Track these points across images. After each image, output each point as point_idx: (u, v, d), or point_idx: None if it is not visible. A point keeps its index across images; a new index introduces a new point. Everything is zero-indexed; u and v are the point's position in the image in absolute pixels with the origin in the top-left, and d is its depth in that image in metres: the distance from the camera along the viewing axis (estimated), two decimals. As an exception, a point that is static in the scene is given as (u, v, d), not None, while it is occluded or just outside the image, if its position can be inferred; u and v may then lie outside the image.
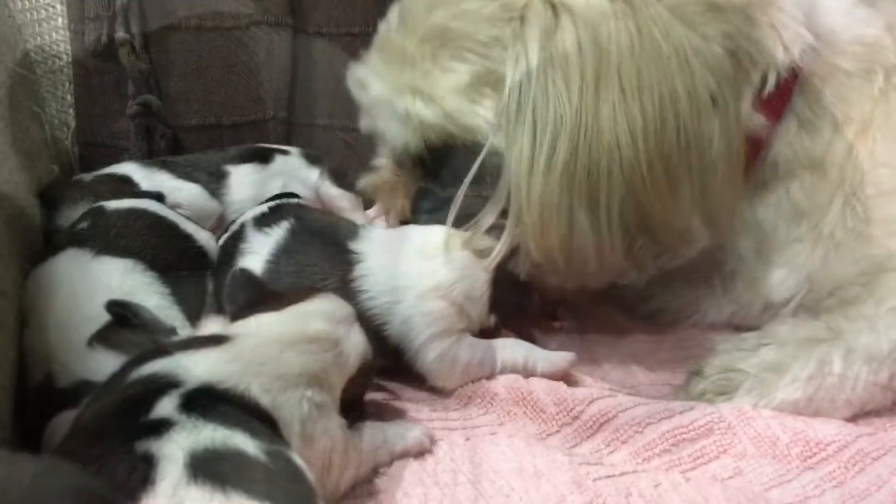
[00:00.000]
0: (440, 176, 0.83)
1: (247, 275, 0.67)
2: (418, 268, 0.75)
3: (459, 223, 0.78)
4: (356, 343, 0.62)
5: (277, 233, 0.79)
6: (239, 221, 0.85)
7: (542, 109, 0.72)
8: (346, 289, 0.73)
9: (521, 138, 0.73)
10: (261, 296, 0.64)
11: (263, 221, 0.82)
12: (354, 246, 0.77)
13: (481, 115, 0.76)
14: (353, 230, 0.81)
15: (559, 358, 0.77)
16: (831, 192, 0.83)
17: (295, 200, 0.91)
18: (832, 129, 0.83)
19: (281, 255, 0.77)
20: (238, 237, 0.82)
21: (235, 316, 0.63)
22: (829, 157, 0.83)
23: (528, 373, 0.76)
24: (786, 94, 0.81)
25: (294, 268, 0.76)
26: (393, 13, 0.85)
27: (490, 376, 0.75)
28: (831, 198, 0.83)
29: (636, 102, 0.70)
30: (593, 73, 0.71)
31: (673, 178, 0.72)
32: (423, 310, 0.73)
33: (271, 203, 0.87)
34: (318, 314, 0.62)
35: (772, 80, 0.79)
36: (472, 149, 0.77)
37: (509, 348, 0.76)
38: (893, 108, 0.83)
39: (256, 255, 0.78)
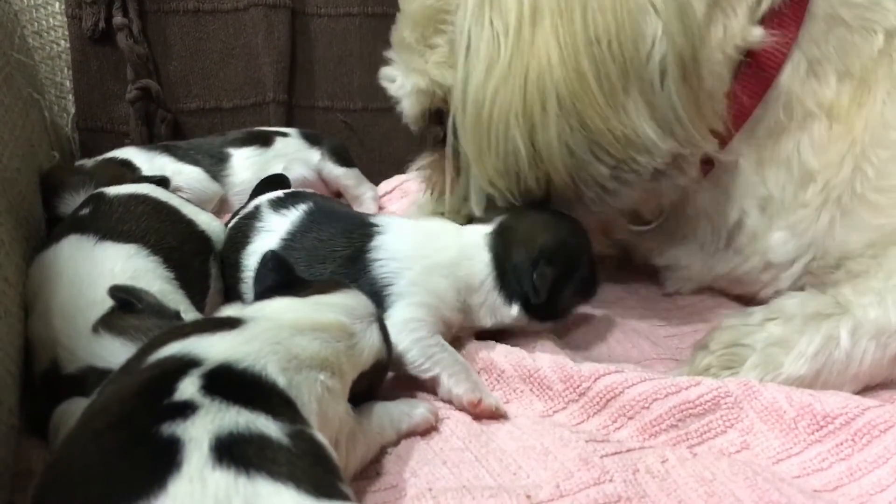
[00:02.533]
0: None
1: (278, 258, 0.68)
2: (432, 244, 0.76)
3: None
4: (373, 341, 0.63)
5: (294, 214, 0.81)
6: (253, 204, 0.86)
7: (477, 40, 0.75)
8: (360, 258, 0.74)
9: (459, 71, 0.77)
10: (288, 280, 0.66)
11: (280, 204, 0.83)
12: (377, 220, 0.79)
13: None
14: (373, 215, 0.85)
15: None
16: (842, 151, 0.82)
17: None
18: (837, 78, 0.83)
19: (297, 233, 0.79)
20: (253, 217, 0.83)
21: (259, 296, 0.64)
22: (836, 107, 0.83)
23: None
24: (790, 21, 0.81)
25: (310, 243, 0.77)
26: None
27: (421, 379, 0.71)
28: (842, 158, 0.82)
29: (569, 22, 0.72)
30: (530, 7, 0.73)
31: (607, 85, 0.72)
32: (428, 280, 0.73)
33: (289, 191, 0.88)
34: (336, 306, 0.62)
35: (766, 2, 0.80)
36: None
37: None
38: None
39: (273, 233, 0.79)
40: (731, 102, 0.82)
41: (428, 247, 0.76)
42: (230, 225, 0.86)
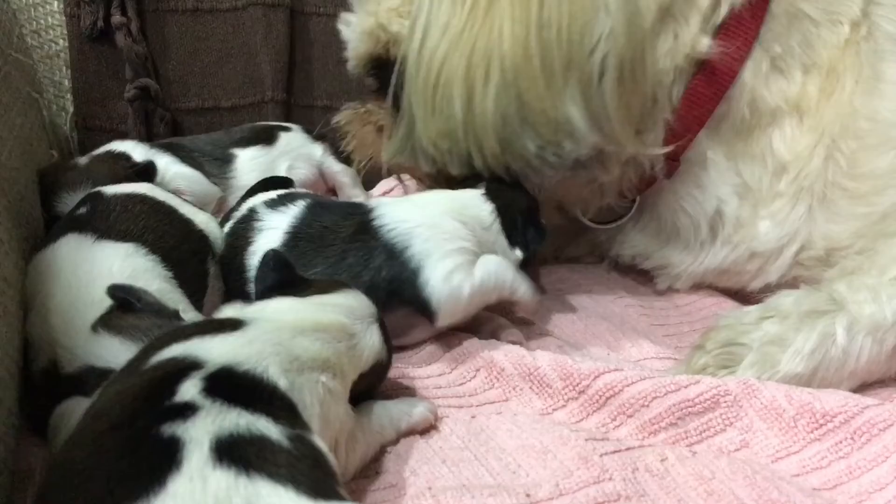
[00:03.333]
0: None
1: (279, 257, 0.68)
2: (432, 205, 0.80)
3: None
4: (373, 341, 0.63)
5: (293, 209, 0.82)
6: (246, 206, 0.85)
7: (438, 5, 0.77)
8: (366, 229, 0.76)
9: (417, 32, 0.79)
10: (289, 279, 0.65)
11: (276, 203, 0.84)
12: (370, 201, 0.82)
13: (406, 26, 0.83)
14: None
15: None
16: (812, 142, 0.83)
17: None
18: (803, 71, 0.84)
19: (300, 224, 0.80)
20: (251, 218, 0.83)
21: (260, 296, 0.64)
22: (804, 100, 0.84)
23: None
24: (748, 23, 0.82)
25: (315, 231, 0.78)
26: None
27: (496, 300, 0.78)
28: (812, 149, 0.83)
29: (525, 3, 0.74)
30: None
31: (549, 69, 0.75)
32: (442, 228, 0.76)
33: (281, 192, 0.88)
34: (337, 306, 0.62)
35: (724, 8, 0.81)
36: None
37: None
38: (866, 60, 0.83)
39: (275, 230, 0.80)
40: (688, 101, 0.83)
41: (429, 208, 0.79)
42: (227, 229, 0.85)
